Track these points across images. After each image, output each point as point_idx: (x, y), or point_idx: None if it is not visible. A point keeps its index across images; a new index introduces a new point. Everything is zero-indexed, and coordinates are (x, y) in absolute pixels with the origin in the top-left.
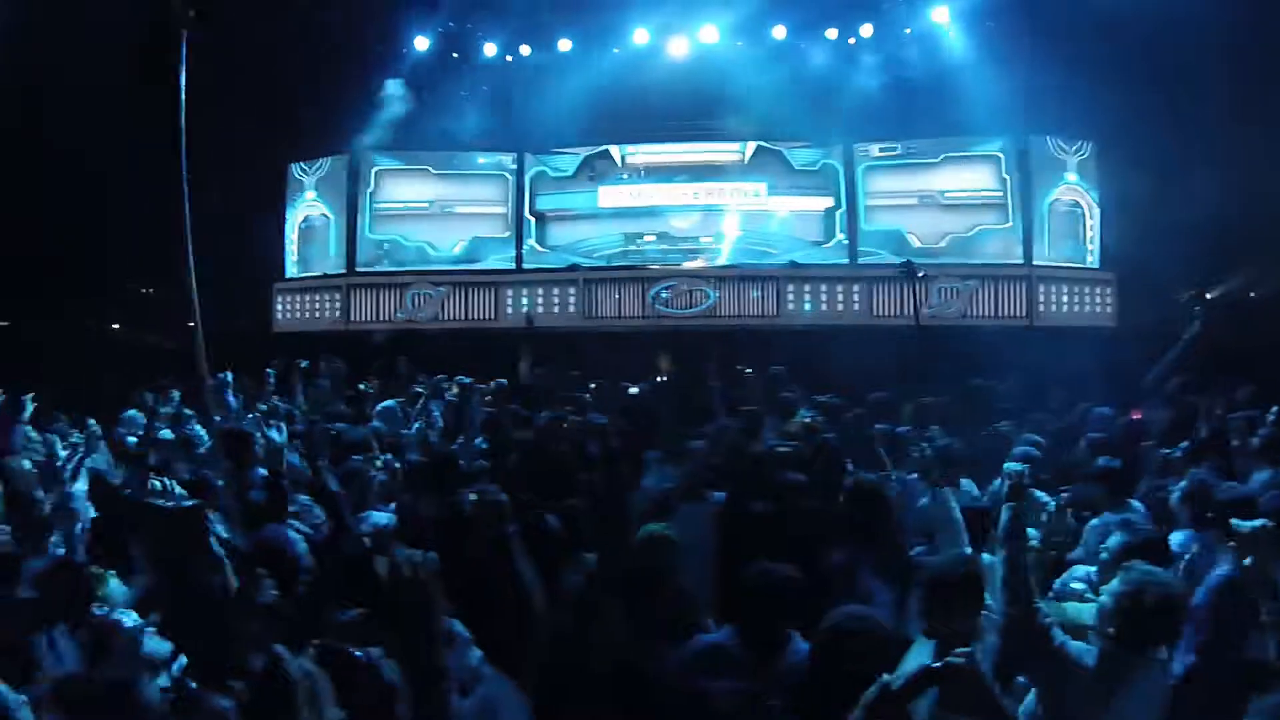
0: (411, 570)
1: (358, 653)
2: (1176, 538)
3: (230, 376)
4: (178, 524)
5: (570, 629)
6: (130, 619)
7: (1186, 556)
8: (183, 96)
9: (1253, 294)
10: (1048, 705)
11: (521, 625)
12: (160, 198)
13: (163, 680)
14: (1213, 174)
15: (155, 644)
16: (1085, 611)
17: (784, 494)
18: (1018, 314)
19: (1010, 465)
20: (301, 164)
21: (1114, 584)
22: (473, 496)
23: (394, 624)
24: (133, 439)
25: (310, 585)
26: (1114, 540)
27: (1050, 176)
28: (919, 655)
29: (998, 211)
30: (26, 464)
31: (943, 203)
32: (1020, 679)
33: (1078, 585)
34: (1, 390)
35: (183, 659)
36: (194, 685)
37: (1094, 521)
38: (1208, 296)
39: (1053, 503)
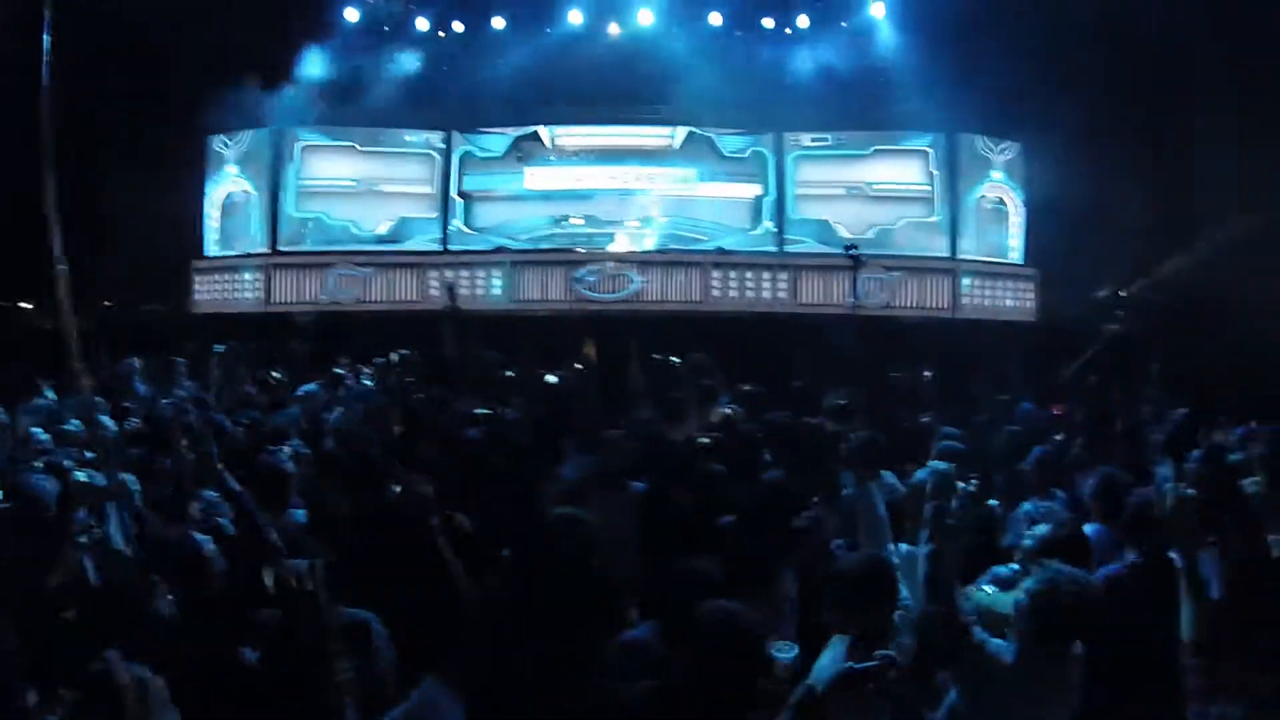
0: (297, 581)
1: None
2: (1088, 531)
3: (137, 363)
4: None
5: (495, 628)
6: None
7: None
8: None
9: (1169, 294)
10: (968, 702)
11: (451, 622)
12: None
13: None
14: (1135, 176)
15: None
16: (1000, 601)
17: (706, 484)
18: (941, 306)
19: (936, 464)
20: (224, 137)
21: (1028, 582)
22: (397, 489)
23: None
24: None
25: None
26: (1039, 530)
27: (977, 173)
28: (834, 652)
29: (924, 205)
30: None
31: (870, 194)
32: (940, 676)
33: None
34: None
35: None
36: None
37: (1024, 508)
38: (1123, 295)
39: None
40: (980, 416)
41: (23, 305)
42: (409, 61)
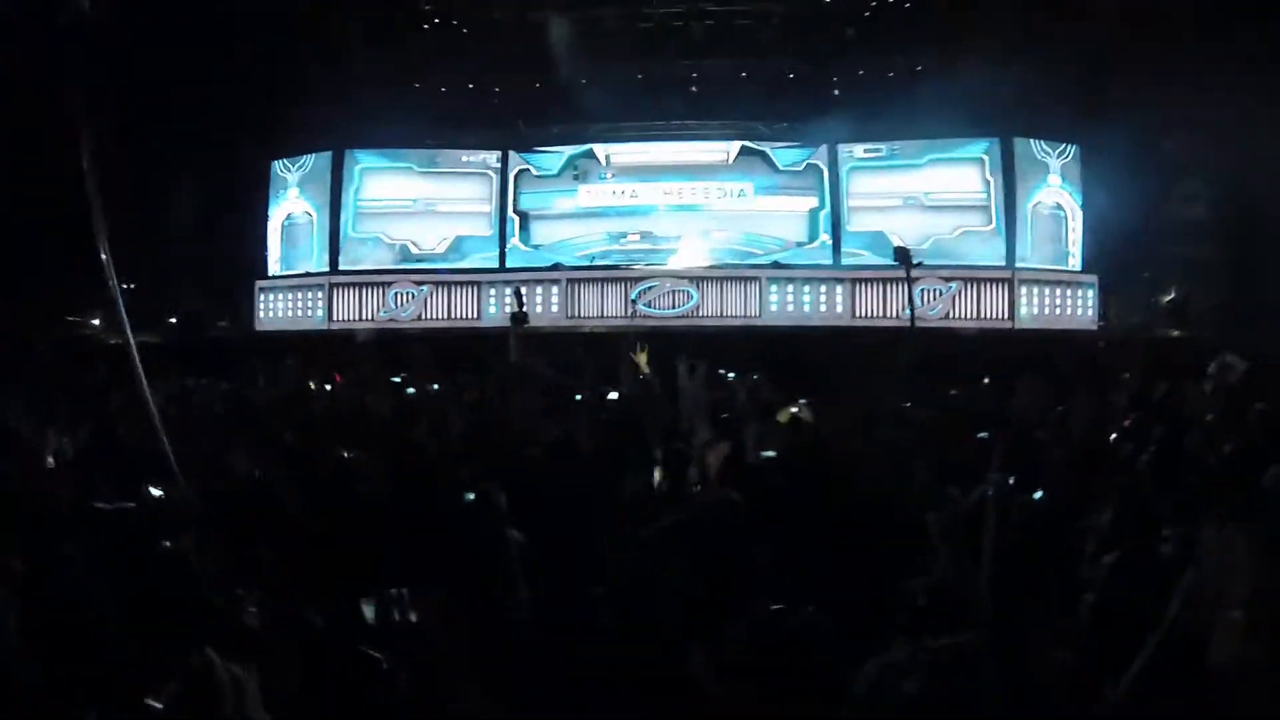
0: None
1: None
2: None
3: None
4: None
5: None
6: None
7: None
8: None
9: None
10: None
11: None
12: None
13: None
14: (1195, 179)
15: None
16: None
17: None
18: (1000, 316)
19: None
20: (285, 160)
21: None
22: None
23: None
24: None
25: None
26: None
27: (1034, 178)
28: None
29: (980, 213)
30: None
31: (926, 204)
32: None
33: None
34: None
35: None
36: None
37: None
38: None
39: None
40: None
41: (92, 322)
42: (466, 84)
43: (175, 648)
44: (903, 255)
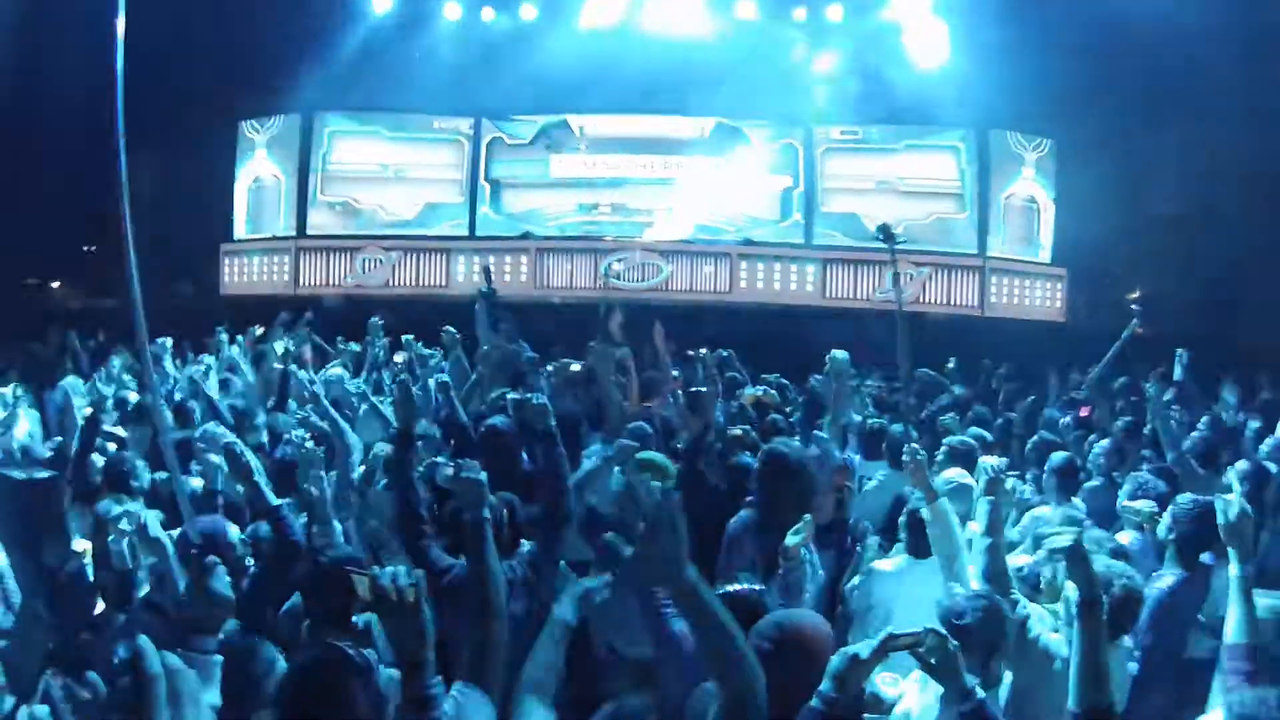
0: (399, 592)
1: (353, 653)
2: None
3: (169, 343)
4: (29, 495)
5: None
6: None
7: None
8: (120, 46)
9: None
10: (1025, 694)
11: (486, 623)
12: (102, 153)
13: None
14: (1168, 178)
15: None
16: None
17: (736, 474)
18: (970, 304)
19: (986, 461)
20: (253, 121)
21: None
22: (449, 471)
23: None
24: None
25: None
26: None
27: (1008, 170)
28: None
29: (954, 201)
30: None
31: (900, 189)
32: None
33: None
34: None
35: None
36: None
37: (1040, 513)
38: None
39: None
40: (999, 417)
41: (53, 285)
42: (439, 47)
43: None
44: (886, 232)
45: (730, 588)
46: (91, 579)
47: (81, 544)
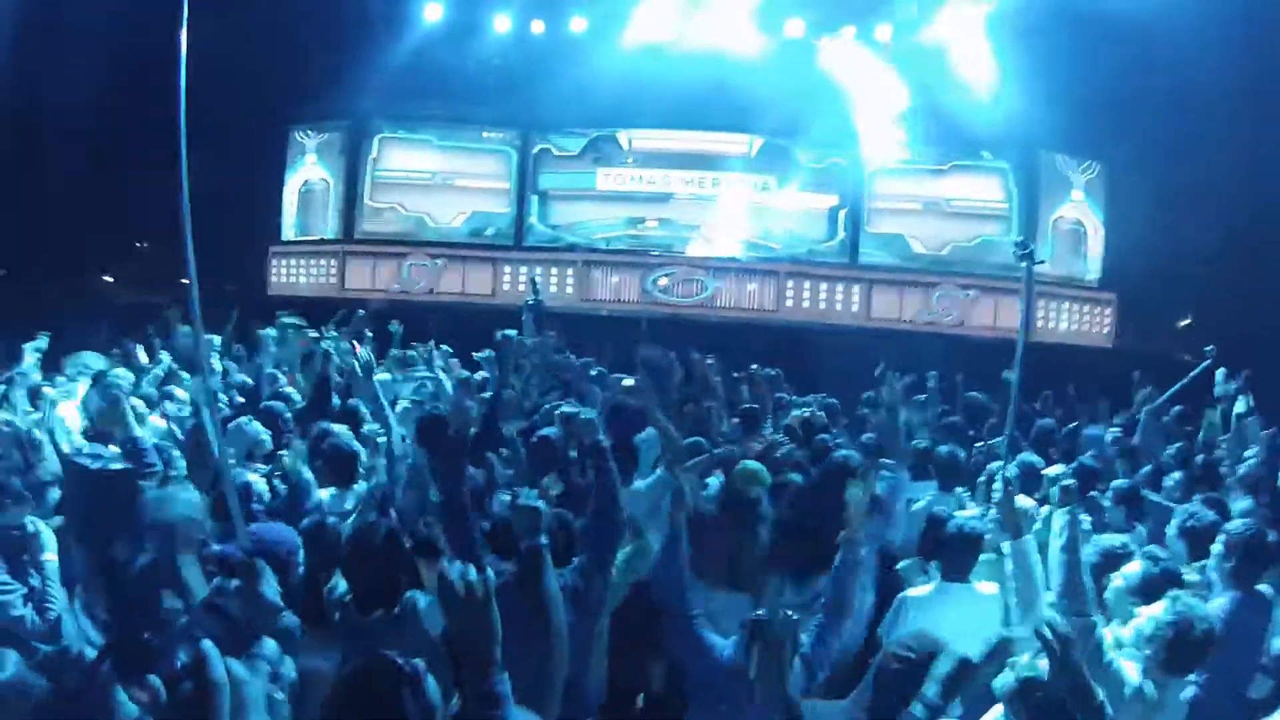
0: (467, 588)
1: (401, 662)
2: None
3: (218, 340)
4: (100, 486)
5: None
6: None
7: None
8: (183, 50)
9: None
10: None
11: (546, 646)
12: (161, 154)
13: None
14: (1220, 201)
15: None
16: None
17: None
18: (1014, 326)
19: (1052, 471)
20: (304, 128)
21: (1162, 614)
22: (505, 498)
23: (447, 648)
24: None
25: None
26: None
27: (1056, 193)
28: None
29: (1001, 223)
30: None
31: (947, 210)
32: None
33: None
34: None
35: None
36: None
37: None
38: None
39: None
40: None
41: (105, 279)
42: (489, 59)
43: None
44: (1025, 251)
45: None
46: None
47: None
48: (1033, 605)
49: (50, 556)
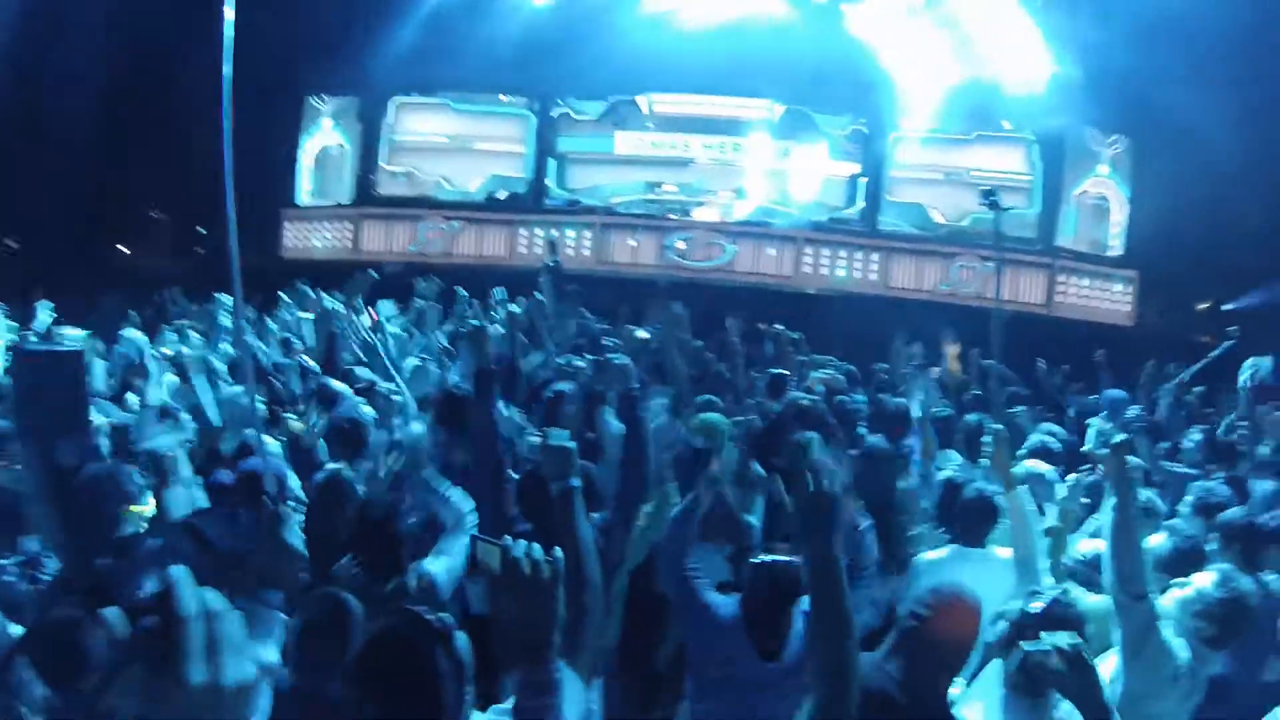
0: (534, 568)
1: (432, 618)
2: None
3: (230, 301)
4: (45, 370)
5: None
6: None
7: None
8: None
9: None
10: (1140, 701)
11: (578, 595)
12: (178, 122)
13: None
14: (1249, 182)
15: None
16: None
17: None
18: (1035, 300)
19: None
20: (320, 94)
21: (1212, 588)
22: (535, 439)
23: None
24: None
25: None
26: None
27: (1082, 167)
28: None
29: (1024, 196)
30: None
31: (969, 181)
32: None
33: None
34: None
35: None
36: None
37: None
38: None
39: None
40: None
41: (120, 248)
42: (508, 24)
43: None
44: (990, 198)
45: (767, 558)
46: (122, 484)
47: None
48: (1027, 561)
49: None
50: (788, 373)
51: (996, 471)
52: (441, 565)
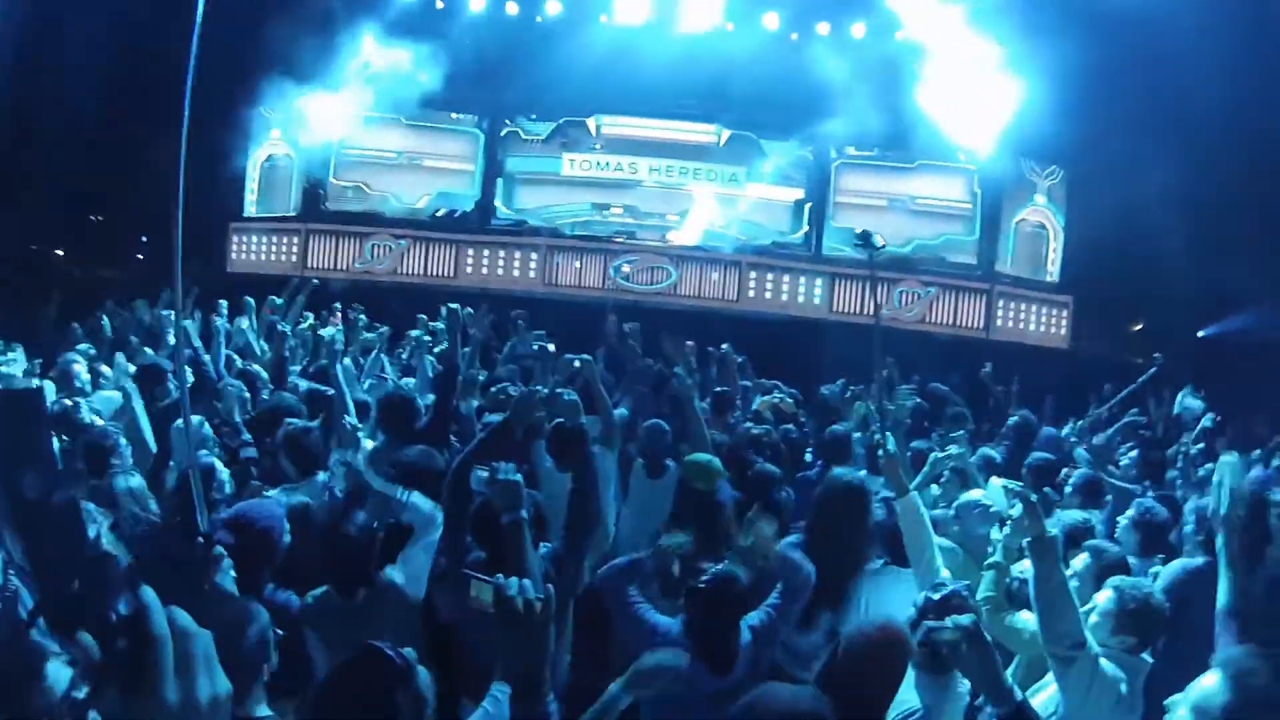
0: (527, 606)
1: (392, 654)
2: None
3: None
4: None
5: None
6: None
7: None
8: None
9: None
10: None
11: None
12: (114, 125)
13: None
14: (1180, 213)
15: None
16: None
17: (754, 481)
18: (975, 325)
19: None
20: (270, 104)
21: (1112, 604)
22: (483, 474)
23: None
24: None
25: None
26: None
27: (1020, 196)
28: None
29: (964, 223)
30: None
31: (912, 208)
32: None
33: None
34: None
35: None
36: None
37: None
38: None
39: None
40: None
41: (56, 252)
42: (461, 39)
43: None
44: (865, 239)
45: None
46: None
47: None
48: (926, 562)
49: None
50: (729, 390)
51: (887, 477)
52: (404, 572)
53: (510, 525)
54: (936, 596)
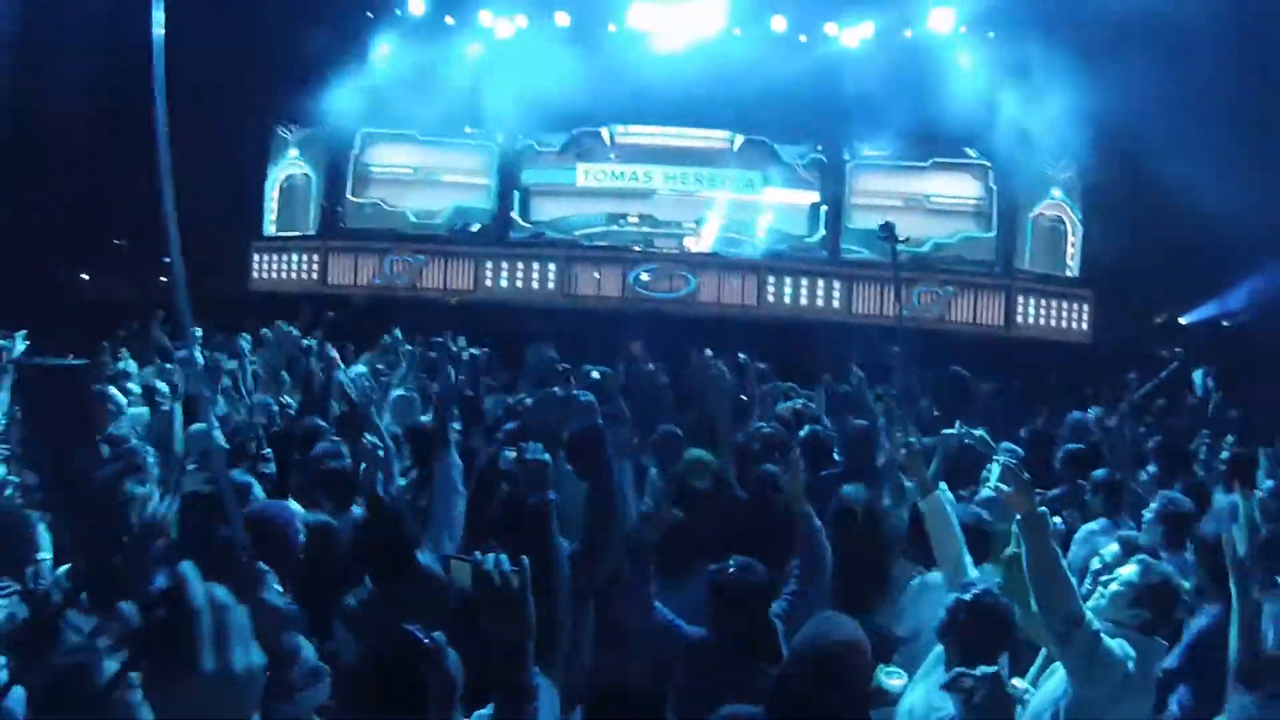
0: (503, 579)
1: (421, 637)
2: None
3: (200, 333)
4: (54, 384)
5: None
6: None
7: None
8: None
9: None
10: (1096, 701)
11: (550, 611)
12: (140, 150)
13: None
14: (1197, 203)
15: None
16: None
17: (761, 484)
18: (995, 322)
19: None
20: (287, 124)
21: (1135, 576)
22: (511, 454)
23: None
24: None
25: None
26: (1109, 552)
27: (1036, 191)
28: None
29: (981, 220)
30: None
31: (928, 207)
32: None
33: None
34: None
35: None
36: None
37: (1084, 530)
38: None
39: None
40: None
41: (82, 276)
42: (472, 54)
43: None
44: (888, 231)
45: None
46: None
47: None
48: (954, 559)
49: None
50: (746, 399)
51: (912, 477)
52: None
53: (535, 506)
54: (967, 597)
